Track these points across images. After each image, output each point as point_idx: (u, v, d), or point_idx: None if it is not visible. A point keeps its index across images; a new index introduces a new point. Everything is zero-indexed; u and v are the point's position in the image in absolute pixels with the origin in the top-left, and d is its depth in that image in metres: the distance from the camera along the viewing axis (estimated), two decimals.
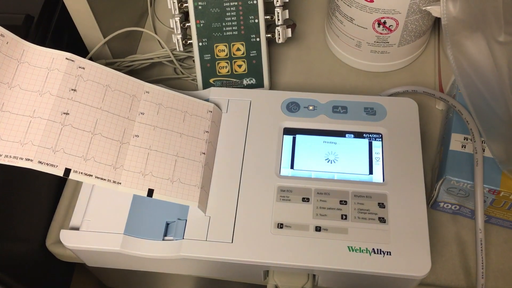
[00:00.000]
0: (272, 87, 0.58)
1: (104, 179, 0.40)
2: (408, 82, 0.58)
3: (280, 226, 0.42)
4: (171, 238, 0.43)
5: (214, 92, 0.50)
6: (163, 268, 0.46)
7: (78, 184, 0.52)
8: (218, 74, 0.55)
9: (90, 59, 0.53)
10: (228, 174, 0.45)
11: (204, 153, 0.45)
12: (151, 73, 0.60)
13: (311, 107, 0.49)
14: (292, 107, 0.49)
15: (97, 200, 0.45)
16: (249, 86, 0.55)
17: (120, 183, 0.40)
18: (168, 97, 0.46)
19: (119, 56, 0.56)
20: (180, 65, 0.59)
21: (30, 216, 0.49)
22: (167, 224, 0.43)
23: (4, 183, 0.45)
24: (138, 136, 0.43)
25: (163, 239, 0.43)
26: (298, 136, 0.47)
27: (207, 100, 0.50)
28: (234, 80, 0.55)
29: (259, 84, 0.55)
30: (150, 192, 0.41)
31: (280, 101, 0.49)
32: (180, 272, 0.46)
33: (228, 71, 0.55)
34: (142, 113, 0.44)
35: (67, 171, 0.38)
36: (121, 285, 0.69)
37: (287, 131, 0.48)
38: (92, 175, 0.39)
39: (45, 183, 0.51)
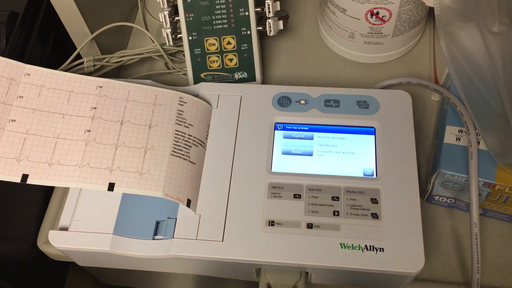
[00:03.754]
0: (264, 80, 0.57)
1: None
2: (403, 73, 0.56)
3: (271, 223, 0.41)
4: (161, 237, 0.42)
5: (204, 87, 0.50)
6: (154, 267, 0.45)
7: None
8: (209, 68, 0.54)
9: (78, 55, 0.52)
10: (219, 171, 0.44)
11: (88, 131, 0.43)
12: (141, 68, 0.59)
13: (302, 101, 0.48)
14: (283, 102, 0.48)
15: (86, 200, 0.44)
16: (241, 80, 0.55)
17: None
18: (52, 78, 0.45)
19: (109, 51, 0.55)
20: (171, 60, 0.58)
21: (21, 216, 0.49)
22: (157, 223, 0.43)
23: None
24: (14, 121, 0.42)
25: (153, 239, 0.42)
26: (289, 131, 0.46)
27: (196, 96, 0.49)
28: (226, 74, 0.54)
29: (251, 78, 0.54)
30: (24, 178, 0.40)
31: (271, 96, 0.48)
32: (172, 270, 0.45)
33: (219, 65, 0.54)
34: (21, 97, 0.43)
35: None
36: (117, 282, 0.69)
37: (279, 126, 0.47)
38: None
39: None
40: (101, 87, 0.46)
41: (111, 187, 0.41)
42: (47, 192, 0.52)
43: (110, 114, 0.44)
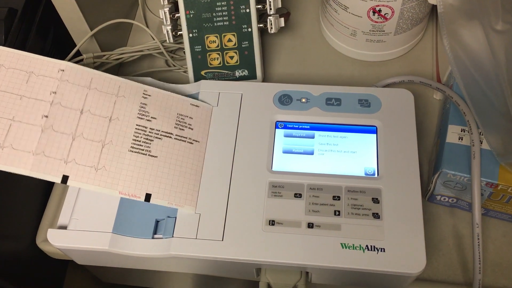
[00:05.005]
0: (265, 78, 0.56)
1: None
2: (405, 71, 0.56)
3: (272, 223, 0.41)
4: (161, 236, 0.42)
5: (205, 85, 0.49)
6: (153, 266, 0.45)
7: None
8: (209, 66, 0.54)
9: (78, 52, 0.51)
10: (219, 169, 0.44)
11: (46, 116, 0.42)
12: (141, 66, 0.58)
13: (303, 100, 0.47)
14: (284, 100, 0.47)
15: (85, 198, 0.44)
16: (242, 78, 0.54)
17: None
18: (12, 57, 0.43)
19: (109, 48, 0.55)
20: (172, 57, 0.57)
21: (20, 214, 0.48)
22: (157, 222, 0.43)
23: None
24: None
25: (153, 237, 0.42)
26: (290, 130, 0.46)
27: (197, 94, 0.49)
28: (226, 72, 0.54)
29: (251, 76, 0.54)
30: None
31: (272, 94, 0.48)
32: (171, 269, 0.45)
33: (220, 63, 0.54)
34: None
35: None
36: (116, 281, 0.68)
37: (280, 124, 0.46)
38: None
39: (35, 180, 0.50)
40: (63, 70, 0.44)
41: (64, 179, 0.40)
42: (46, 189, 0.51)
43: (70, 101, 0.43)
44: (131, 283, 0.70)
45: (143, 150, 0.43)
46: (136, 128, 0.44)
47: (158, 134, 0.44)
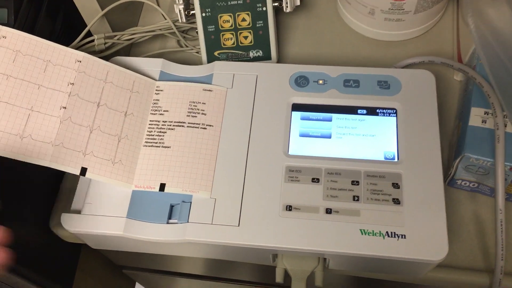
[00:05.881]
0: (280, 59, 0.55)
1: None
2: (424, 51, 0.54)
3: (289, 208, 0.40)
4: (176, 221, 0.41)
5: (219, 67, 0.48)
6: (168, 251, 0.44)
7: None
8: (223, 46, 0.52)
9: (89, 32, 0.50)
10: (234, 153, 0.43)
11: (64, 107, 0.41)
12: (153, 46, 0.57)
13: (321, 81, 0.46)
14: (300, 82, 0.46)
15: (98, 183, 0.43)
16: (256, 59, 0.53)
17: None
18: (29, 44, 0.42)
19: (120, 29, 0.54)
20: (184, 37, 0.56)
21: (33, 198, 0.48)
22: (171, 206, 0.42)
23: (7, 166, 0.44)
24: None
25: (167, 223, 0.41)
26: (307, 113, 0.45)
27: (210, 75, 0.47)
28: (240, 52, 0.52)
29: (266, 56, 0.53)
30: None
31: (288, 75, 0.47)
32: (186, 254, 0.44)
33: (234, 43, 0.52)
34: None
35: None
36: (129, 263, 0.68)
37: (296, 107, 0.45)
38: None
39: None
40: (80, 61, 0.44)
41: (83, 171, 0.40)
42: (58, 173, 0.51)
43: (87, 93, 0.43)
44: (144, 266, 0.70)
45: (156, 143, 0.43)
46: (149, 124, 0.44)
47: (170, 125, 0.44)
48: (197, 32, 0.53)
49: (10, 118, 0.40)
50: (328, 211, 0.40)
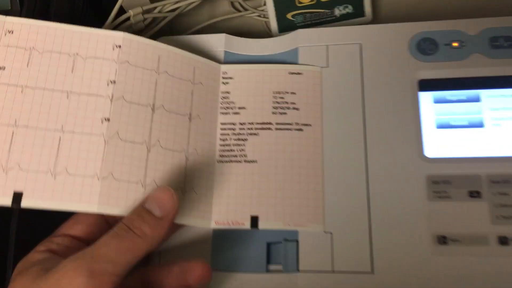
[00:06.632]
0: (379, 15, 0.40)
1: None
2: None
3: (443, 240, 0.28)
4: (279, 268, 0.29)
5: (303, 37, 0.34)
6: None
7: None
8: (298, 5, 0.39)
9: (121, 9, 0.37)
10: (347, 163, 0.31)
11: (107, 119, 0.29)
12: (200, 16, 0.44)
13: (455, 44, 0.32)
14: (426, 47, 0.32)
15: None
16: (344, 17, 0.39)
17: None
18: (45, 35, 0.30)
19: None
20: None
21: None
22: (268, 244, 0.30)
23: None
24: None
25: (267, 270, 0.29)
26: (442, 92, 0.31)
27: (294, 51, 0.34)
28: (322, 11, 0.39)
29: (357, 13, 0.39)
30: (17, 199, 0.27)
31: (406, 39, 0.33)
32: None
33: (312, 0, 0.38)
34: (2, 68, 0.29)
35: None
36: None
37: (424, 85, 0.32)
38: None
39: None
40: (120, 47, 0.31)
41: None
42: None
43: (136, 92, 0.30)
44: None
45: (236, 156, 0.31)
46: (221, 129, 0.32)
47: (251, 128, 0.31)
48: None
49: (35, 148, 0.28)
50: (503, 240, 0.27)
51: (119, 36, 0.31)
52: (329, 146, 0.31)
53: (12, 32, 0.29)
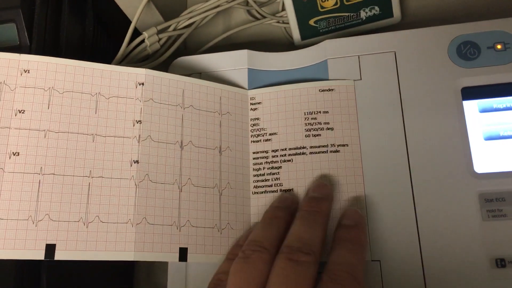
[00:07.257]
0: (407, 15, 0.38)
1: None
2: None
3: (501, 263, 0.26)
4: None
5: (332, 47, 0.32)
6: None
7: None
8: (320, 10, 0.36)
9: (135, 30, 0.35)
10: (391, 184, 0.29)
11: (136, 162, 0.28)
12: (216, 27, 0.41)
13: (499, 46, 0.30)
14: (467, 51, 0.30)
15: (198, 264, 0.30)
16: (370, 20, 0.37)
17: None
18: (64, 73, 0.28)
19: (170, 17, 0.38)
20: (258, 5, 0.40)
21: None
22: None
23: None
24: (17, 154, 0.26)
25: None
26: (488, 100, 0.29)
27: (323, 64, 0.32)
28: (347, 14, 0.36)
29: (385, 14, 0.36)
30: (50, 251, 0.25)
31: (445, 44, 0.31)
32: None
33: (336, 2, 0.36)
34: (22, 111, 0.27)
35: None
36: None
37: (468, 93, 0.30)
38: None
39: None
40: (143, 84, 0.29)
41: (183, 255, 0.27)
42: None
43: (163, 130, 0.29)
44: None
45: (270, 186, 0.29)
46: (253, 158, 0.30)
47: (285, 155, 0.29)
48: None
49: (64, 196, 0.26)
50: None
51: (141, 73, 0.29)
52: (369, 167, 0.29)
53: (29, 72, 0.28)
